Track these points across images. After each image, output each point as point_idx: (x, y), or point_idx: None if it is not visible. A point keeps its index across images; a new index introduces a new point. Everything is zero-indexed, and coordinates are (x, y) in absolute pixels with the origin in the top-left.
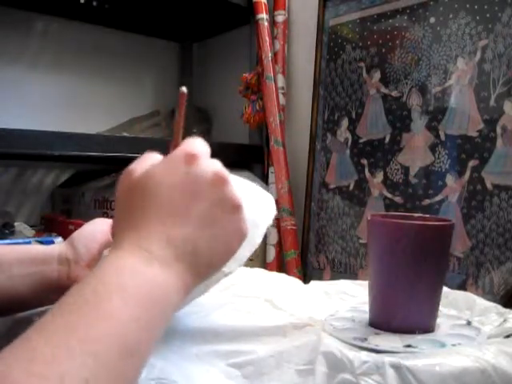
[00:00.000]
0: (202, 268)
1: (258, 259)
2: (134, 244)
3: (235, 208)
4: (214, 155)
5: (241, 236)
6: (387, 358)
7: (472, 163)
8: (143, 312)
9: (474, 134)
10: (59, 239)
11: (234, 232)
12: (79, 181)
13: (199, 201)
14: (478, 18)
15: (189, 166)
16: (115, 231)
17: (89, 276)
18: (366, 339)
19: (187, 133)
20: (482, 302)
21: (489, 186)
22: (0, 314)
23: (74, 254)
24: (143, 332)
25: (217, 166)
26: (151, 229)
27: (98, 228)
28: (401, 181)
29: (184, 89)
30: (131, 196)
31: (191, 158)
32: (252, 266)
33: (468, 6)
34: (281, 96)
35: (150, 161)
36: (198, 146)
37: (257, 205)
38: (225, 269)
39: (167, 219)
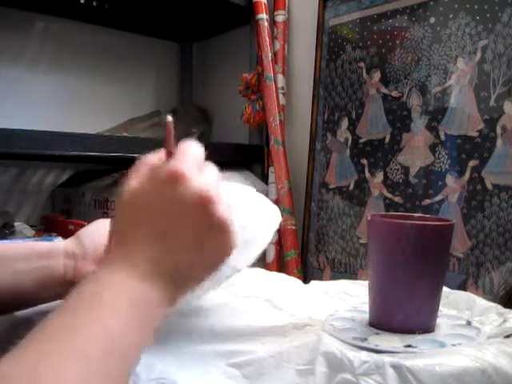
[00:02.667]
0: (184, 285)
1: (258, 259)
2: (120, 260)
3: (220, 228)
4: (214, 155)
5: (224, 256)
6: (387, 358)
7: (472, 163)
8: (130, 323)
9: (474, 134)
10: (59, 239)
11: (218, 251)
12: (79, 181)
13: (183, 222)
14: (477, 17)
15: (175, 187)
16: (108, 244)
17: (81, 287)
18: (365, 339)
19: (187, 133)
20: (481, 302)
21: (489, 186)
22: (6, 310)
23: (80, 250)
24: (130, 341)
25: (203, 184)
26: (138, 246)
27: (103, 227)
28: (401, 181)
29: (169, 118)
30: (122, 213)
31: (174, 179)
32: (252, 266)
33: (468, 5)
34: (281, 96)
35: (142, 174)
36: (185, 160)
37: (262, 208)
38: (237, 265)
39: (153, 238)
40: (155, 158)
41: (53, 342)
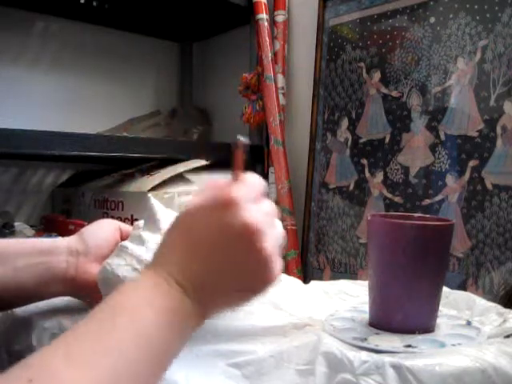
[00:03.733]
0: (217, 305)
1: None
2: (160, 268)
3: (262, 260)
4: (214, 155)
5: (264, 286)
6: (387, 358)
7: (472, 163)
8: (167, 330)
9: (474, 134)
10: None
11: (258, 283)
12: (79, 181)
13: (226, 248)
14: (477, 17)
15: (225, 212)
16: (154, 254)
17: (124, 287)
18: (365, 339)
19: (187, 133)
20: (481, 302)
21: (489, 186)
22: (8, 306)
23: (83, 247)
24: (164, 347)
25: (252, 215)
26: (180, 261)
27: (107, 227)
28: (401, 181)
29: (243, 139)
30: (176, 229)
31: (227, 205)
32: None
33: (468, 6)
34: (281, 96)
35: (201, 198)
36: (244, 190)
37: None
38: None
39: (195, 256)
40: (222, 181)
41: (83, 342)
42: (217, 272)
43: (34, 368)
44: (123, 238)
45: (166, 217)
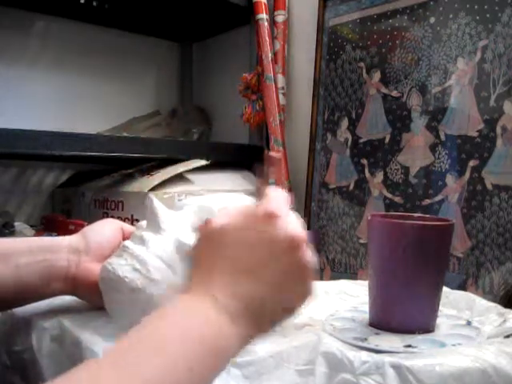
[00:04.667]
0: (264, 325)
1: None
2: (203, 291)
3: (306, 273)
4: (214, 155)
5: (305, 299)
6: (387, 358)
7: (472, 163)
8: (201, 359)
9: (474, 134)
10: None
11: (300, 295)
12: (79, 181)
13: (272, 262)
14: (477, 17)
15: (266, 226)
16: (190, 275)
17: (160, 312)
18: (365, 339)
19: (187, 133)
20: (482, 302)
21: (489, 186)
22: (10, 305)
23: (85, 246)
24: (196, 378)
25: (294, 227)
26: (221, 281)
27: (109, 226)
28: (401, 181)
29: (274, 154)
30: (207, 247)
31: (270, 218)
32: None
33: (468, 6)
34: (281, 96)
35: (232, 212)
36: (279, 203)
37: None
38: None
39: (237, 275)
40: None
41: (115, 369)
42: (266, 286)
43: None
44: (125, 238)
45: (168, 217)
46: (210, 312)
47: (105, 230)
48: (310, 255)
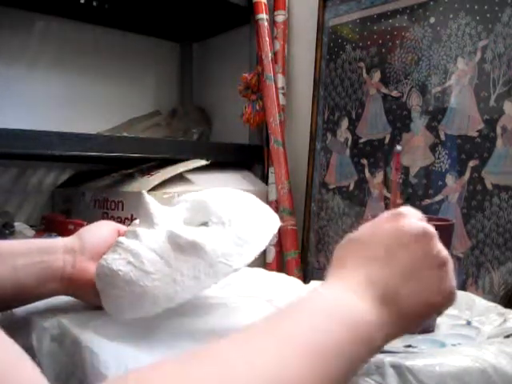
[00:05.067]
0: (399, 313)
1: (258, 259)
2: (338, 281)
3: (441, 264)
4: (214, 155)
5: (446, 293)
6: (387, 358)
7: (472, 163)
8: (346, 348)
9: (474, 134)
10: (60, 238)
11: (437, 288)
12: (79, 181)
13: (403, 251)
14: (477, 17)
15: (396, 223)
16: (328, 273)
17: (295, 300)
18: None
19: (187, 133)
20: (481, 302)
21: (489, 186)
22: (7, 307)
23: (80, 245)
24: (346, 365)
25: (423, 223)
26: (354, 269)
27: (105, 227)
28: (401, 181)
29: (399, 148)
30: (344, 250)
31: (398, 216)
32: (252, 266)
33: (468, 6)
34: (281, 96)
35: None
36: (407, 208)
37: (262, 212)
38: (233, 264)
39: (369, 264)
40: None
41: (241, 360)
42: (399, 276)
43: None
44: None
45: (161, 212)
46: (347, 296)
47: (100, 230)
48: (441, 247)
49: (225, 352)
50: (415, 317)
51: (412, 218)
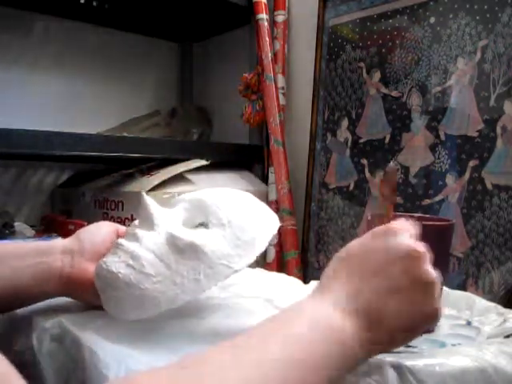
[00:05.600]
0: (385, 332)
1: (258, 259)
2: (322, 295)
3: (427, 285)
4: (214, 155)
5: (428, 314)
6: (387, 358)
7: (472, 163)
8: (325, 361)
9: (474, 134)
10: (59, 239)
11: (420, 309)
12: (79, 181)
13: (390, 270)
14: (477, 17)
15: (387, 237)
16: (322, 280)
17: (283, 312)
18: None
19: (187, 133)
20: (481, 302)
21: (489, 186)
22: (7, 308)
23: (78, 246)
24: (322, 378)
25: (412, 243)
26: (340, 285)
27: (104, 227)
28: (401, 181)
29: (392, 165)
30: (334, 261)
31: (391, 231)
32: (252, 266)
33: (468, 6)
34: (281, 96)
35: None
36: (400, 223)
37: (262, 212)
38: (233, 266)
39: (356, 279)
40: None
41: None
42: (385, 292)
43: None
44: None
45: (160, 213)
46: (329, 311)
47: (99, 231)
48: (430, 269)
49: (217, 362)
50: (399, 333)
51: (403, 235)
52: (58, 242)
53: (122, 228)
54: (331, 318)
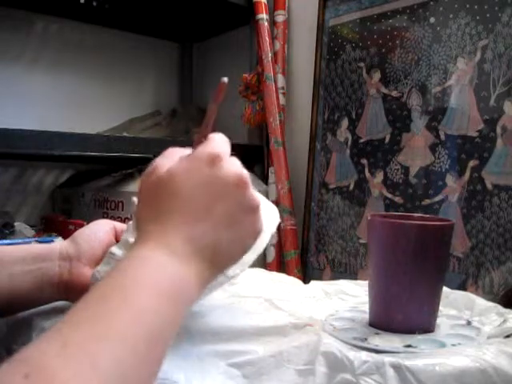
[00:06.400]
0: (219, 264)
1: (258, 259)
2: (156, 238)
3: (254, 209)
4: None
5: (256, 234)
6: (387, 358)
7: (472, 163)
8: (165, 304)
9: (474, 134)
10: (59, 239)
11: (251, 231)
12: (79, 181)
13: (221, 201)
14: (477, 17)
15: (212, 168)
16: (139, 225)
17: (116, 268)
18: (365, 339)
19: (187, 133)
20: (481, 302)
21: (489, 186)
22: (4, 313)
23: (75, 251)
24: (165, 323)
25: (238, 167)
26: (174, 225)
27: (100, 228)
28: (401, 181)
29: (225, 79)
30: (155, 192)
31: (214, 160)
32: (252, 266)
33: (468, 6)
34: (281, 96)
35: (174, 157)
36: (221, 145)
37: (266, 206)
38: (229, 272)
39: (189, 217)
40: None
41: (79, 330)
42: (221, 227)
43: (31, 362)
44: (118, 236)
45: None
46: (167, 259)
47: (96, 232)
48: (253, 193)
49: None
50: (230, 260)
51: (228, 162)
52: (56, 247)
53: (119, 225)
54: (176, 276)
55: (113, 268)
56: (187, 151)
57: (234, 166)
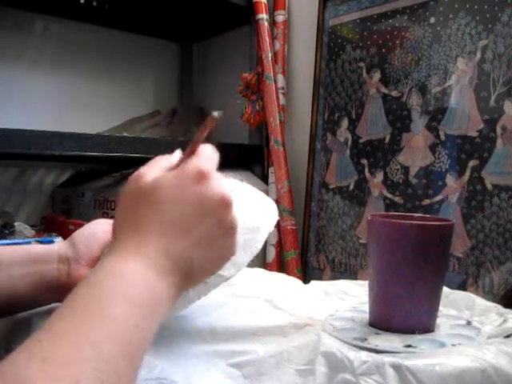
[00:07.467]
0: (192, 280)
1: (258, 259)
2: (134, 249)
3: (232, 231)
4: None
5: (229, 256)
6: (387, 358)
7: (472, 163)
8: (142, 318)
9: (474, 134)
10: (59, 239)
11: (225, 252)
12: (79, 181)
13: (203, 221)
14: (477, 18)
15: (198, 186)
16: (116, 232)
17: (91, 276)
18: (366, 339)
19: (187, 133)
20: (481, 302)
21: (489, 186)
22: (3, 314)
23: (74, 253)
24: (142, 337)
25: (223, 187)
26: (153, 238)
27: (99, 228)
28: (401, 181)
29: (216, 114)
30: (137, 202)
31: (201, 178)
32: (252, 266)
33: (468, 5)
34: (281, 96)
35: (160, 166)
36: (209, 161)
37: (258, 211)
38: (225, 273)
39: (170, 232)
40: (172, 157)
41: (63, 342)
42: (198, 245)
43: (10, 377)
44: None
45: None
46: (143, 271)
47: (94, 233)
48: (233, 214)
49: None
50: (203, 276)
51: (214, 181)
52: (54, 249)
53: None
54: (151, 286)
55: (89, 275)
56: (175, 158)
57: (220, 186)
